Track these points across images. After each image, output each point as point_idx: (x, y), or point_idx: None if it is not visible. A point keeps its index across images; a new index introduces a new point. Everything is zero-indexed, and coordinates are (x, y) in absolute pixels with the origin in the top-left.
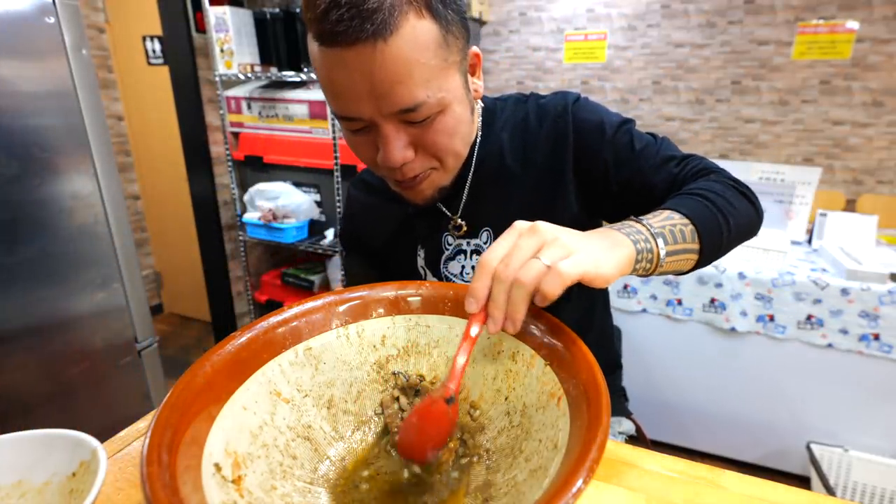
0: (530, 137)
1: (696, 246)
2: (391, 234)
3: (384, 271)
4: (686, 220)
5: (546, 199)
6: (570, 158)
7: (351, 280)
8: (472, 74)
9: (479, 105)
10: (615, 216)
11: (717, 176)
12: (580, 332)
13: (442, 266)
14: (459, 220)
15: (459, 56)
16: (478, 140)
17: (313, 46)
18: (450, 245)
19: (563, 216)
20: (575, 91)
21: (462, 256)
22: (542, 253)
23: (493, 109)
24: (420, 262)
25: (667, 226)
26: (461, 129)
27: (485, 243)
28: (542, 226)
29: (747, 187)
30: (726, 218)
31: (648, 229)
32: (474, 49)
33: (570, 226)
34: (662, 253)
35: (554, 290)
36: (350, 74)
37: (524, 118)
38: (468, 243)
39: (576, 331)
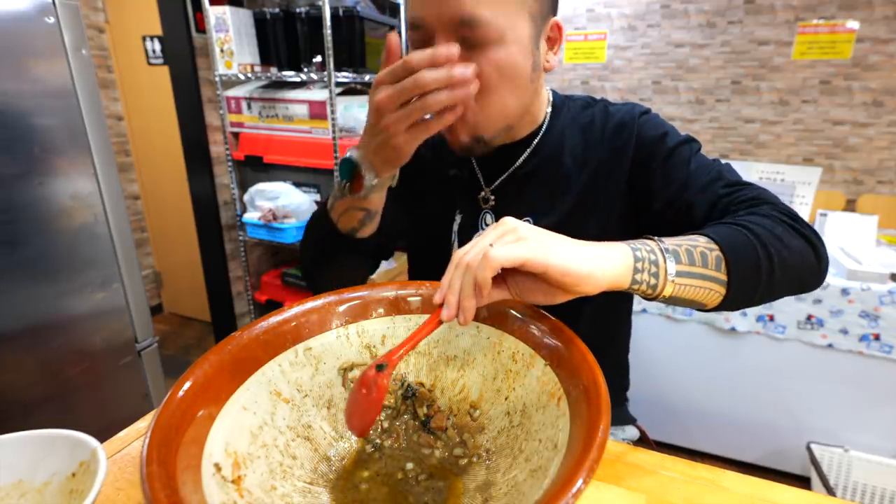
0: (592, 140)
1: (721, 276)
2: (431, 188)
3: (416, 226)
4: (713, 246)
5: (590, 206)
6: (625, 170)
7: None
8: (550, 48)
9: (549, 93)
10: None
11: (770, 207)
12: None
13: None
14: (489, 193)
15: (536, 7)
16: (543, 128)
17: None
18: (487, 225)
19: (603, 225)
20: (646, 105)
21: None
22: (496, 241)
23: (562, 106)
24: (455, 226)
25: (684, 245)
26: (516, 80)
27: None
28: (513, 221)
29: (809, 226)
30: (769, 253)
31: (658, 244)
32: (556, 19)
33: (601, 238)
34: (671, 269)
35: (482, 273)
36: None
37: (590, 121)
38: None
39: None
